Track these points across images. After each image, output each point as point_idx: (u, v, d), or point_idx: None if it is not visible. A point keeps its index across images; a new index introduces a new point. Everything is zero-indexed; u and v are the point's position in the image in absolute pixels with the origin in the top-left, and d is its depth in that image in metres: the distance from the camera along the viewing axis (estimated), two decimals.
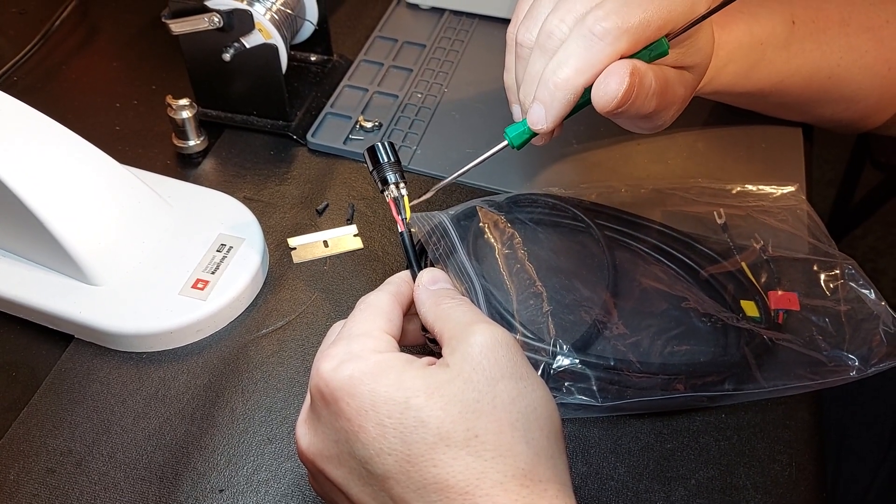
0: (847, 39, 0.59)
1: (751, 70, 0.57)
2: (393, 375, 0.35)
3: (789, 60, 0.58)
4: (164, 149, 0.64)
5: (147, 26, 0.77)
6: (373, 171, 0.45)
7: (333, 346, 0.37)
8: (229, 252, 0.53)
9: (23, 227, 0.49)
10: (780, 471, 0.46)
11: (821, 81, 0.60)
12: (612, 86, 0.40)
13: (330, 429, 0.36)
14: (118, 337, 0.50)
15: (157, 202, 0.54)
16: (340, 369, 0.35)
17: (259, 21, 0.60)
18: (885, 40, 0.60)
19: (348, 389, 0.35)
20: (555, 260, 0.52)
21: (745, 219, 0.56)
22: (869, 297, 0.51)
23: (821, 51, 0.59)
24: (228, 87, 0.64)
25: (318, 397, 0.36)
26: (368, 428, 0.34)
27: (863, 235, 1.80)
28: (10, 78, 0.70)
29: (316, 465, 0.37)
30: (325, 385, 0.35)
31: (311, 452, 0.37)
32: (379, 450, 0.34)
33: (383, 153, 0.45)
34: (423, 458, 0.33)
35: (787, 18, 0.58)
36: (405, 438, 0.33)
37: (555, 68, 0.41)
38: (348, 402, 0.35)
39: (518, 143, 0.45)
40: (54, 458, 0.45)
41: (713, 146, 0.65)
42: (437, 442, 0.33)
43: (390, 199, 0.44)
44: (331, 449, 0.36)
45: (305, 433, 0.38)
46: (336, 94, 0.68)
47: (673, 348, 0.49)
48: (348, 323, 0.39)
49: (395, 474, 0.34)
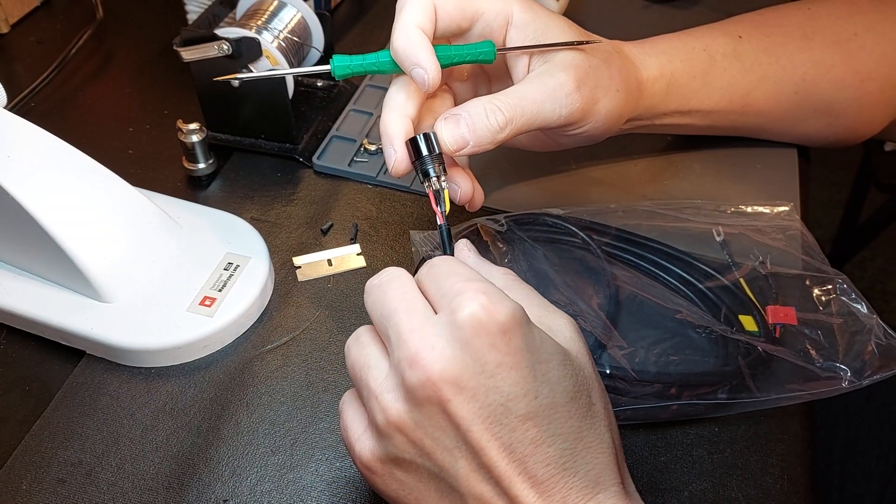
0: (811, 53, 0.61)
1: (707, 75, 0.59)
2: (538, 329, 0.37)
3: (746, 72, 0.60)
4: (175, 171, 0.66)
5: (159, 54, 0.80)
6: (415, 163, 0.45)
7: (476, 282, 0.36)
8: (236, 270, 0.55)
9: (38, 246, 0.51)
10: (773, 483, 0.46)
11: (788, 96, 0.61)
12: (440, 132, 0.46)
13: (475, 360, 0.34)
14: (128, 352, 0.51)
15: (168, 223, 0.56)
16: (502, 304, 0.35)
17: (267, 48, 0.62)
18: (854, 53, 0.61)
19: (510, 325, 0.35)
20: (553, 275, 0.54)
21: (740, 237, 0.58)
22: (861, 312, 0.51)
23: (780, 65, 0.61)
24: (237, 112, 0.66)
25: (472, 325, 0.34)
26: (523, 367, 0.35)
27: (871, 257, 1.79)
28: (28, 104, 0.72)
29: (440, 392, 0.34)
30: (488, 315, 0.34)
31: (443, 378, 0.34)
32: (528, 390, 0.35)
33: (425, 146, 0.45)
34: (564, 409, 0.35)
35: (731, 33, 0.61)
36: (553, 387, 0.35)
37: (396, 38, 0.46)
38: (509, 337, 0.35)
39: (340, 72, 0.47)
40: (65, 468, 0.46)
41: (709, 167, 0.66)
42: (573, 399, 0.36)
43: (430, 190, 0.45)
44: (469, 379, 0.34)
45: (440, 357, 0.34)
46: (341, 118, 0.70)
47: (668, 358, 0.50)
48: (446, 274, 0.38)
49: (537, 417, 0.35)
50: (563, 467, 0.35)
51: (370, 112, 0.71)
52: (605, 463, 0.36)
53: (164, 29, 0.83)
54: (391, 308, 0.37)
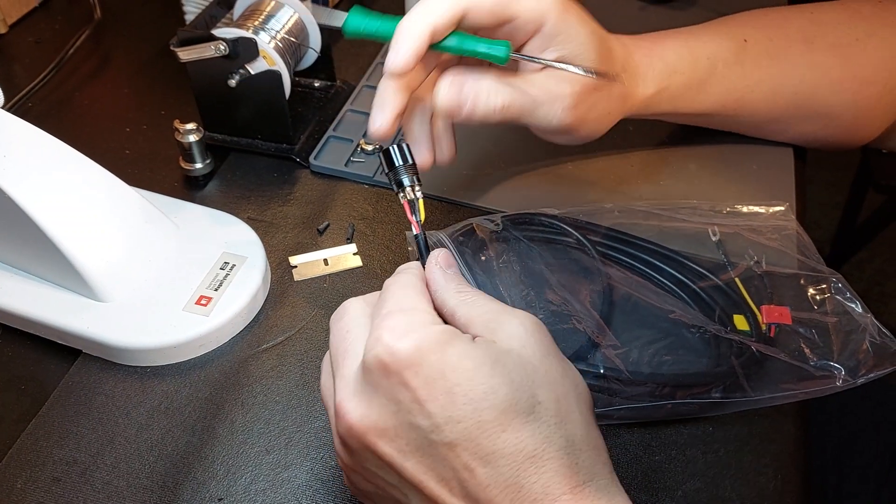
0: (810, 56, 0.61)
1: (704, 84, 0.59)
2: (458, 346, 0.35)
3: (745, 76, 0.60)
4: (172, 171, 0.66)
5: (156, 54, 0.80)
6: (388, 174, 0.45)
7: (389, 318, 0.37)
8: (232, 270, 0.55)
9: (35, 246, 0.51)
10: (766, 483, 0.46)
11: (785, 98, 0.62)
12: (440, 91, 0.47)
13: (389, 400, 0.35)
14: (124, 351, 0.51)
15: (164, 222, 0.56)
16: (405, 339, 0.35)
17: (263, 49, 0.63)
18: (853, 57, 0.61)
19: (415, 359, 0.35)
20: (548, 274, 0.54)
21: (736, 237, 0.58)
22: (855, 311, 0.51)
23: (779, 67, 0.61)
24: (234, 112, 0.66)
25: (377, 368, 0.35)
26: (437, 396, 0.34)
27: (870, 258, 1.79)
28: (26, 104, 0.73)
29: (366, 439, 0.36)
30: (390, 355, 0.35)
31: (364, 426, 0.36)
32: (448, 418, 0.34)
33: (398, 156, 0.46)
34: (494, 425, 0.34)
35: (737, 37, 0.60)
36: (476, 406, 0.34)
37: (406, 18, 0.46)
38: (416, 371, 0.35)
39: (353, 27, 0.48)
40: (60, 467, 0.47)
41: (705, 167, 0.67)
42: (507, 408, 0.34)
43: (405, 201, 0.45)
44: (387, 421, 0.35)
45: (357, 406, 0.36)
46: (338, 119, 0.70)
47: (662, 358, 0.50)
48: (388, 300, 0.39)
49: (463, 442, 0.34)
50: (505, 485, 0.34)
51: (367, 112, 0.70)
52: (555, 469, 0.34)
53: (162, 30, 0.83)
54: (333, 350, 0.40)
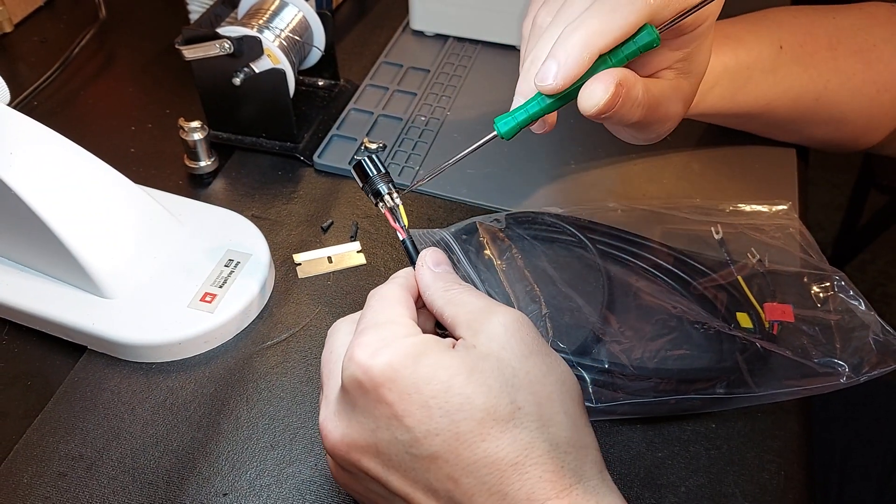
0: (835, 63, 0.61)
1: (737, 93, 0.59)
2: (432, 357, 0.35)
3: (776, 84, 0.60)
4: (177, 169, 0.66)
5: (161, 53, 0.80)
6: (364, 187, 0.45)
7: (362, 335, 0.37)
8: (237, 267, 0.55)
9: (41, 243, 0.51)
10: (769, 479, 0.47)
11: (808, 103, 0.62)
12: (597, 92, 0.40)
13: (368, 417, 0.35)
14: (129, 348, 0.51)
15: (169, 220, 0.57)
16: (378, 356, 0.35)
17: (268, 47, 0.63)
18: (873, 63, 0.61)
19: (389, 375, 0.34)
20: (552, 272, 0.54)
21: (739, 236, 0.58)
22: (859, 308, 0.52)
23: (808, 74, 0.61)
24: (238, 111, 0.66)
25: (353, 387, 0.36)
26: (413, 410, 0.34)
27: (872, 260, 1.79)
28: (31, 102, 0.73)
29: (350, 456, 0.36)
30: (364, 373, 0.35)
31: (346, 444, 0.36)
32: (426, 431, 0.34)
33: (371, 166, 0.45)
34: (472, 435, 0.34)
35: (775, 43, 0.60)
36: (453, 417, 0.34)
37: (576, 26, 0.40)
38: (390, 387, 0.34)
39: (506, 130, 0.42)
40: (66, 462, 0.47)
41: (708, 166, 0.67)
42: (485, 417, 0.34)
43: (385, 210, 0.45)
44: (368, 438, 0.35)
45: (337, 425, 0.37)
46: (342, 117, 0.70)
47: (666, 354, 0.50)
48: (367, 314, 0.39)
49: (443, 454, 0.34)
50: (489, 493, 0.34)
51: (370, 111, 0.71)
52: (538, 476, 0.34)
53: (167, 28, 0.83)
54: (321, 372, 0.41)
